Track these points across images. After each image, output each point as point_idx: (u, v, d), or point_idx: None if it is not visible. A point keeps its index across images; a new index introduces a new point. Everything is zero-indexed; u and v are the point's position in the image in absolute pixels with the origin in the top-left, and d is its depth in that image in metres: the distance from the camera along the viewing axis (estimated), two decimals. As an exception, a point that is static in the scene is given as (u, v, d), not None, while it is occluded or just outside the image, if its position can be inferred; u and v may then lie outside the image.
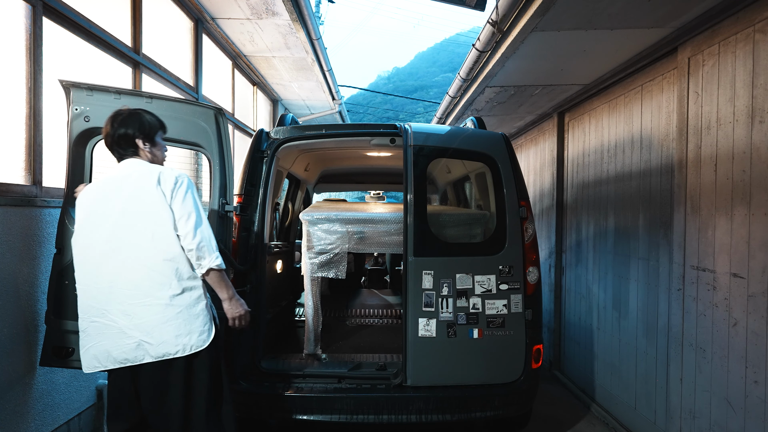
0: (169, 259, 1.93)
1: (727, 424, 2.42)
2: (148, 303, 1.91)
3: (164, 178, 1.97)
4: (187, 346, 1.94)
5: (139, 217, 1.94)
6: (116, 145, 2.06)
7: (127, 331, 1.91)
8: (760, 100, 2.25)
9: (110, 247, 1.93)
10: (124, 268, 1.92)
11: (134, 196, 1.95)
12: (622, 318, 3.51)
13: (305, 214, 3.09)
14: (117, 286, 1.92)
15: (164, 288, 1.92)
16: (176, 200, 1.97)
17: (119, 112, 2.10)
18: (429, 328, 2.67)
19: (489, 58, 3.58)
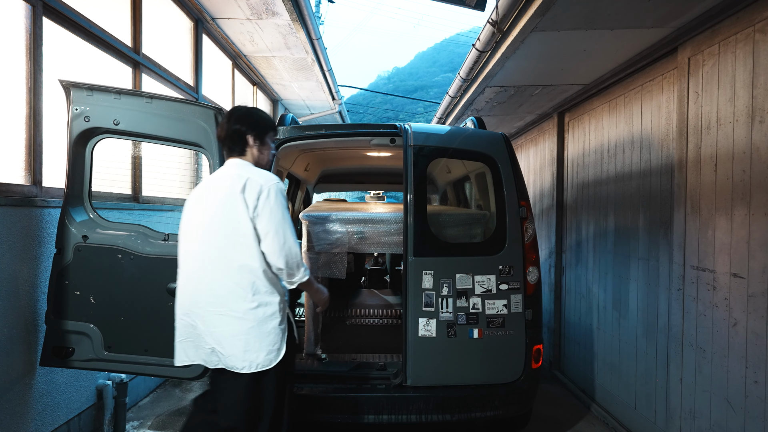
0: (247, 271, 1.89)
1: (727, 424, 2.42)
2: (223, 313, 1.89)
3: (249, 186, 1.91)
4: (253, 364, 1.90)
5: (224, 223, 1.91)
6: (228, 140, 2.07)
7: (204, 336, 1.93)
8: (760, 100, 2.25)
9: (199, 249, 1.94)
10: (206, 273, 1.91)
11: (223, 201, 1.93)
12: (622, 318, 3.51)
13: (305, 214, 3.09)
14: (200, 291, 1.92)
15: (239, 300, 1.89)
16: (259, 213, 1.91)
17: (238, 107, 2.12)
18: (429, 328, 2.67)
19: (489, 58, 3.58)
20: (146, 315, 2.44)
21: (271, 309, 1.93)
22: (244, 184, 1.91)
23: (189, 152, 4.27)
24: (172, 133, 2.44)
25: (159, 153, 3.81)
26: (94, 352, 2.43)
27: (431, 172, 4.58)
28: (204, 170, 4.64)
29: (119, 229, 2.49)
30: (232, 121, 2.06)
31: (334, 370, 2.78)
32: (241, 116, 2.07)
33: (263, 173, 1.99)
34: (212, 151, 2.45)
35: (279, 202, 1.94)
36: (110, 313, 2.43)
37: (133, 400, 3.57)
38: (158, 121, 2.42)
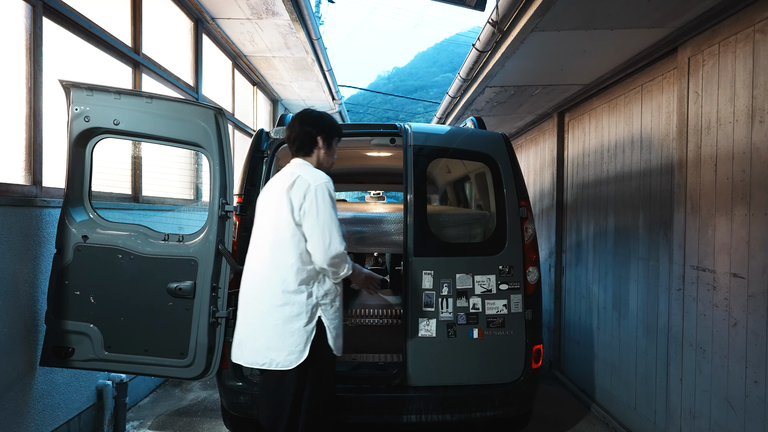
0: (279, 268, 1.93)
1: (727, 424, 2.42)
2: (255, 306, 1.96)
3: (297, 184, 1.96)
4: (273, 362, 1.91)
5: (271, 220, 1.99)
6: (297, 140, 2.14)
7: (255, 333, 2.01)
8: (760, 100, 2.25)
9: (253, 245, 2.06)
10: (254, 267, 2.00)
11: (274, 198, 2.01)
12: (622, 318, 3.51)
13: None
14: (256, 287, 2.00)
15: (268, 295, 1.94)
16: (305, 212, 1.94)
17: (308, 110, 2.21)
18: (429, 328, 2.67)
19: (489, 58, 3.58)
20: (146, 315, 2.44)
21: (296, 309, 1.93)
22: (292, 182, 1.96)
23: (189, 152, 4.27)
24: (172, 133, 2.44)
25: (159, 153, 3.81)
26: (94, 352, 2.43)
27: (431, 172, 4.57)
28: (204, 170, 4.64)
29: (119, 229, 2.49)
30: (303, 122, 2.13)
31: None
32: (312, 118, 2.15)
33: (314, 172, 2.02)
34: (212, 151, 2.45)
35: (326, 201, 1.95)
36: (110, 313, 2.43)
37: (133, 400, 3.57)
38: (158, 121, 2.42)
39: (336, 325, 2.09)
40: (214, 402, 3.71)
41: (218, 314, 2.48)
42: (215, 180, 2.47)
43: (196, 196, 4.73)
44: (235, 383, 2.65)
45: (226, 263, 2.50)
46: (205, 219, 2.48)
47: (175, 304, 2.43)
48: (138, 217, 3.45)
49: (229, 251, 2.50)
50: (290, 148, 2.20)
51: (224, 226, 2.50)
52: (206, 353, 2.45)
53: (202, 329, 2.43)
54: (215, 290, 2.48)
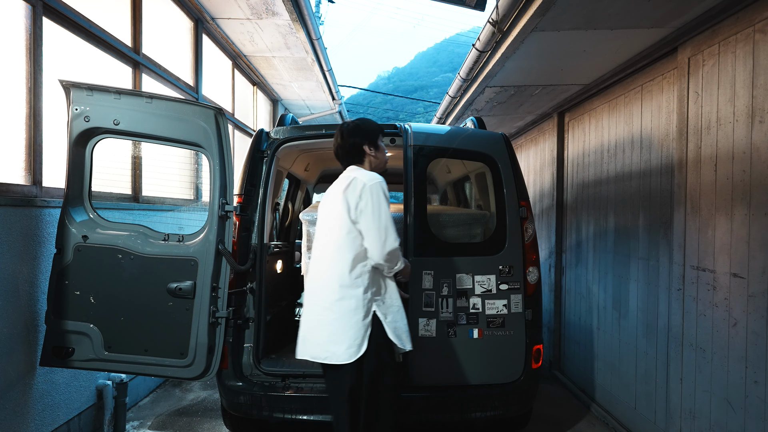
0: (337, 264, 2.03)
1: (727, 424, 2.42)
2: (317, 303, 2.05)
3: (353, 185, 2.07)
4: (334, 355, 1.98)
5: (329, 220, 2.11)
6: (347, 155, 2.26)
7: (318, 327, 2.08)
8: (760, 100, 2.25)
9: (318, 245, 2.16)
10: (317, 266, 2.11)
11: (333, 202, 2.13)
12: (622, 318, 3.51)
13: (305, 214, 3.09)
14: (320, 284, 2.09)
15: (327, 291, 2.03)
16: (362, 211, 2.05)
17: (346, 123, 2.31)
18: (429, 328, 2.67)
19: (489, 58, 3.58)
20: (146, 315, 2.44)
21: (354, 303, 2.01)
22: (348, 184, 2.08)
23: (189, 152, 4.27)
24: (172, 133, 2.44)
25: (159, 153, 3.81)
26: (94, 352, 2.43)
27: (431, 172, 4.57)
28: (204, 170, 4.64)
29: (119, 229, 2.49)
30: (346, 137, 2.25)
31: (334, 370, 2.77)
32: (352, 130, 2.25)
33: (368, 173, 2.14)
34: (212, 151, 2.45)
35: (381, 200, 2.05)
36: (110, 313, 2.43)
37: (133, 400, 3.57)
38: (158, 121, 2.42)
39: (392, 319, 2.14)
40: (214, 402, 3.71)
41: (218, 314, 2.48)
42: (215, 180, 2.47)
43: (196, 196, 4.73)
44: (235, 383, 2.65)
45: (226, 263, 2.50)
46: (205, 219, 2.48)
47: (175, 304, 2.43)
48: (138, 217, 3.45)
49: (229, 251, 2.50)
50: (340, 160, 2.31)
51: (224, 226, 2.50)
52: (206, 353, 2.45)
53: (202, 329, 2.43)
54: (215, 290, 2.48)
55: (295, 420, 2.62)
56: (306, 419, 2.62)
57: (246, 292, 2.74)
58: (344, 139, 2.25)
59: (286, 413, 2.62)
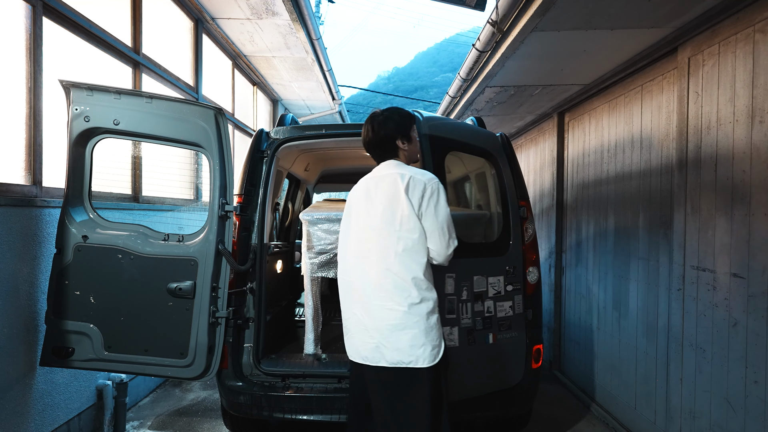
0: (412, 267, 1.93)
1: (727, 424, 2.42)
2: (390, 307, 1.92)
3: (413, 185, 1.98)
4: (420, 358, 1.90)
5: (389, 221, 1.97)
6: (378, 148, 2.13)
7: (369, 330, 1.96)
8: (760, 100, 2.25)
9: (364, 247, 2.00)
10: (372, 269, 1.96)
11: (386, 201, 1.99)
12: (622, 318, 3.51)
13: (305, 214, 3.09)
14: (366, 285, 1.97)
15: (404, 295, 1.92)
16: (423, 213, 1.97)
17: (375, 115, 2.16)
18: (452, 337, 2.48)
19: (489, 58, 3.58)
20: (146, 315, 2.44)
21: (432, 304, 1.95)
22: (407, 183, 1.97)
23: (189, 152, 4.27)
24: (172, 133, 2.44)
25: (159, 153, 3.81)
26: (94, 352, 2.43)
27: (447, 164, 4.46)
28: (204, 170, 4.64)
29: (119, 229, 2.49)
30: (376, 129, 2.12)
31: (333, 370, 2.78)
32: (383, 123, 2.12)
33: (424, 172, 2.05)
34: (212, 151, 2.45)
35: (442, 200, 2.00)
36: (110, 313, 2.43)
37: (133, 400, 3.57)
38: (158, 121, 2.42)
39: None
40: (214, 402, 3.71)
41: (218, 314, 2.49)
42: (215, 180, 2.47)
43: (196, 196, 4.73)
44: (235, 383, 2.65)
45: (226, 263, 2.50)
46: (205, 219, 2.48)
47: (175, 304, 2.43)
48: (138, 217, 3.46)
49: (229, 251, 2.50)
50: (372, 154, 2.17)
51: (224, 226, 2.50)
52: (206, 353, 2.45)
53: (202, 329, 2.43)
54: (215, 290, 2.48)
55: (295, 420, 2.62)
56: (306, 419, 2.62)
57: (246, 292, 2.74)
58: (375, 132, 2.12)
59: (286, 413, 2.62)
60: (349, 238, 2.09)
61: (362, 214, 2.05)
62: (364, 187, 2.10)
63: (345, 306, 2.09)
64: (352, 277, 2.04)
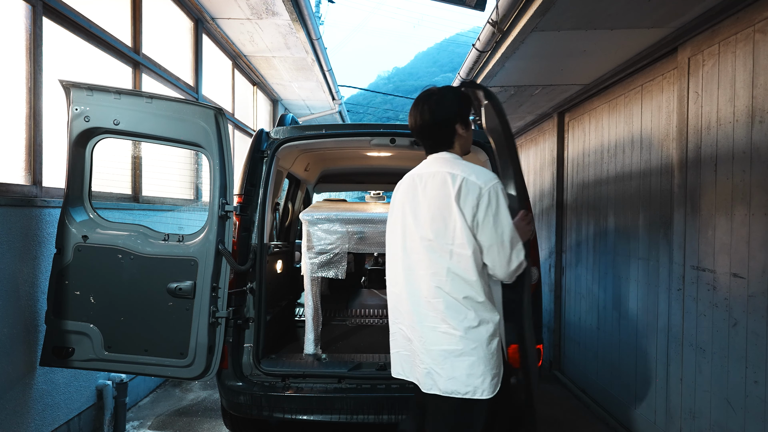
0: (467, 285, 1.65)
1: (727, 424, 2.42)
2: (443, 330, 1.66)
3: (466, 190, 1.64)
4: (478, 389, 1.64)
5: (439, 233, 1.67)
6: (432, 135, 1.76)
7: (419, 354, 1.71)
8: (760, 100, 2.25)
9: (413, 259, 1.73)
10: (422, 285, 1.69)
11: (434, 207, 1.68)
12: (622, 318, 3.51)
13: (305, 214, 3.09)
14: (415, 302, 1.71)
15: (460, 317, 1.65)
16: (480, 223, 1.64)
17: (430, 93, 1.78)
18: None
19: (489, 58, 3.58)
20: (146, 315, 2.44)
21: (492, 327, 1.68)
22: (459, 188, 1.64)
23: (189, 152, 4.27)
24: (172, 133, 2.44)
25: (159, 153, 3.81)
26: (94, 352, 2.43)
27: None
28: (204, 170, 4.64)
29: (119, 229, 2.49)
30: (433, 110, 1.74)
31: (334, 370, 2.78)
32: (440, 102, 1.75)
33: (481, 172, 1.68)
34: (212, 151, 2.45)
35: (503, 208, 1.66)
36: (110, 313, 2.43)
37: (133, 400, 3.57)
38: (158, 121, 2.42)
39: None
40: (214, 402, 3.71)
41: (218, 314, 2.48)
42: (215, 180, 2.47)
43: (196, 196, 4.73)
44: (235, 383, 2.65)
45: (226, 263, 2.50)
46: (205, 219, 2.48)
47: (175, 304, 2.43)
48: (138, 217, 3.46)
49: (229, 251, 2.50)
50: (424, 143, 1.82)
51: (224, 226, 2.50)
52: (206, 353, 2.45)
53: (202, 329, 2.43)
54: (215, 290, 2.48)
55: (295, 420, 2.62)
56: (306, 419, 2.62)
57: (246, 292, 2.74)
58: (432, 114, 1.74)
59: (286, 413, 2.62)
60: (397, 244, 1.80)
61: (409, 219, 1.76)
62: (411, 186, 1.78)
63: (392, 319, 1.85)
64: (400, 290, 1.78)
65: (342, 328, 3.93)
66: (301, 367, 2.81)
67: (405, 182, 1.83)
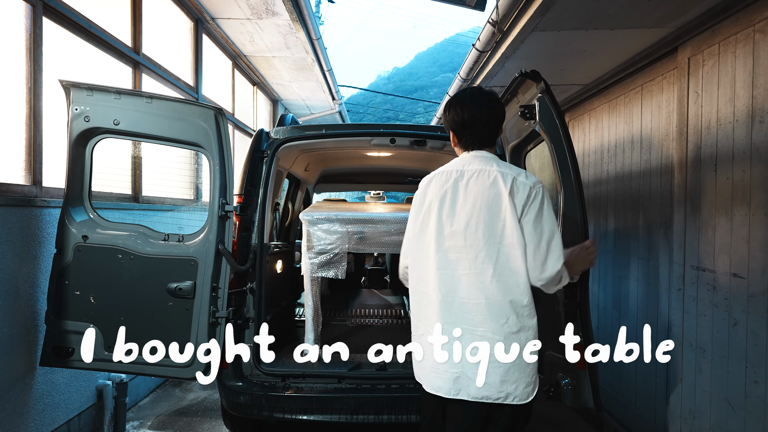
0: (511, 288, 1.60)
1: (727, 424, 2.42)
2: (480, 334, 1.61)
3: (517, 188, 1.61)
4: (510, 396, 1.61)
5: (486, 230, 1.61)
6: (485, 132, 1.71)
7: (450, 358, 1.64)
8: (760, 100, 2.25)
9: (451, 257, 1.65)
10: (461, 285, 1.63)
11: (482, 203, 1.63)
12: (622, 318, 3.51)
13: (305, 214, 3.09)
14: (451, 305, 1.64)
15: (500, 321, 1.59)
16: (528, 219, 1.60)
17: (486, 90, 1.75)
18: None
19: (489, 58, 3.58)
20: (146, 315, 2.44)
21: (531, 334, 1.64)
22: (512, 185, 1.61)
23: (189, 152, 4.28)
24: (173, 133, 2.44)
25: (159, 153, 3.82)
26: (94, 352, 2.43)
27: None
28: (204, 170, 4.64)
29: (119, 229, 2.49)
30: (493, 106, 1.70)
31: (333, 370, 2.78)
32: (498, 100, 1.74)
33: (526, 173, 1.69)
34: (212, 151, 2.45)
35: (548, 210, 1.63)
36: (110, 313, 2.43)
37: (133, 400, 3.57)
38: (158, 121, 2.42)
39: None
40: (214, 402, 3.72)
41: (218, 314, 2.48)
42: (215, 180, 2.47)
43: (196, 196, 4.73)
44: (235, 383, 2.65)
45: (226, 263, 2.50)
46: (205, 219, 2.49)
47: (175, 304, 2.43)
48: (138, 217, 3.46)
49: (229, 251, 2.50)
50: (470, 139, 1.73)
51: (224, 226, 2.50)
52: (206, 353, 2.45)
53: (202, 329, 2.43)
54: (215, 290, 2.48)
55: (295, 420, 2.62)
56: (306, 419, 2.62)
57: (246, 292, 2.74)
58: (496, 110, 1.71)
59: (286, 413, 2.62)
60: (427, 241, 1.71)
61: (447, 215, 1.67)
62: (449, 182, 1.70)
63: (418, 321, 1.76)
64: (430, 290, 1.69)
65: (342, 328, 3.93)
66: (301, 368, 2.81)
67: (439, 178, 1.74)
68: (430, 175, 1.79)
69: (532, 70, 1.98)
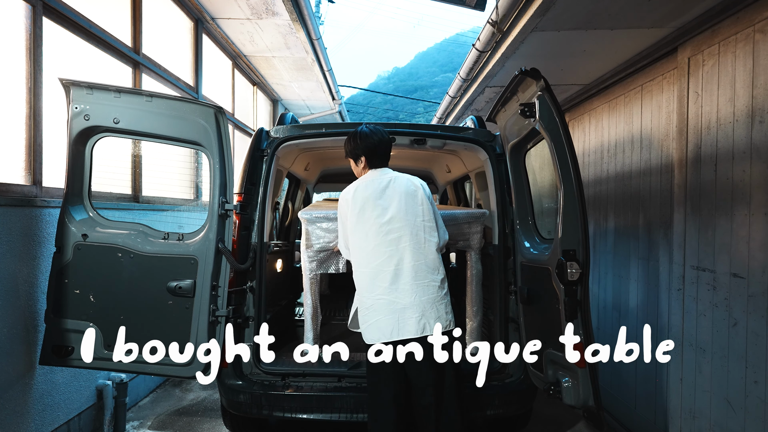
0: (433, 249, 2.31)
1: (727, 424, 2.42)
2: (427, 284, 2.25)
3: (422, 185, 2.41)
4: (452, 323, 2.29)
5: (414, 213, 2.32)
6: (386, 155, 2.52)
7: (409, 307, 2.22)
8: (760, 100, 2.25)
9: (392, 237, 2.28)
10: (408, 254, 2.27)
11: (405, 197, 2.33)
12: (622, 318, 3.51)
13: (304, 213, 3.09)
14: (402, 270, 2.26)
15: (436, 272, 2.29)
16: (435, 207, 2.42)
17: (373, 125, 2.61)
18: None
19: (489, 58, 3.58)
20: (146, 314, 2.44)
21: (446, 279, 2.35)
22: (420, 184, 2.42)
23: (189, 151, 4.28)
24: (172, 132, 2.44)
25: (159, 152, 3.82)
26: (94, 351, 2.43)
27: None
28: (204, 169, 4.64)
29: (119, 227, 2.48)
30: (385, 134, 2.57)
31: (333, 369, 2.78)
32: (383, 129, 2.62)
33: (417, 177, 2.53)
34: (212, 149, 2.45)
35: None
36: (110, 312, 2.43)
37: (133, 400, 3.57)
38: (158, 119, 2.42)
39: None
40: (214, 402, 3.71)
41: (218, 313, 2.48)
42: (215, 179, 2.47)
43: (196, 195, 4.73)
44: (235, 382, 2.65)
45: (225, 262, 2.50)
46: (205, 218, 2.48)
47: (175, 303, 2.43)
48: (138, 216, 3.46)
49: (229, 250, 2.50)
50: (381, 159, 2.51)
51: (224, 224, 2.50)
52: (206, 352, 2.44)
53: (201, 328, 2.43)
54: (215, 289, 2.48)
55: (294, 419, 2.62)
56: (306, 418, 2.62)
57: (246, 290, 2.74)
58: (389, 140, 2.53)
59: (286, 412, 2.62)
60: (367, 231, 2.31)
61: (382, 208, 2.32)
62: (374, 187, 2.37)
63: (369, 293, 2.30)
64: (380, 264, 2.27)
65: (342, 327, 3.93)
66: (301, 366, 2.81)
67: (363, 187, 2.40)
68: (352, 186, 2.45)
69: (532, 68, 2.03)
